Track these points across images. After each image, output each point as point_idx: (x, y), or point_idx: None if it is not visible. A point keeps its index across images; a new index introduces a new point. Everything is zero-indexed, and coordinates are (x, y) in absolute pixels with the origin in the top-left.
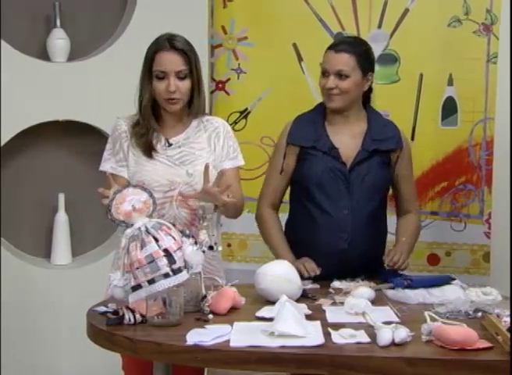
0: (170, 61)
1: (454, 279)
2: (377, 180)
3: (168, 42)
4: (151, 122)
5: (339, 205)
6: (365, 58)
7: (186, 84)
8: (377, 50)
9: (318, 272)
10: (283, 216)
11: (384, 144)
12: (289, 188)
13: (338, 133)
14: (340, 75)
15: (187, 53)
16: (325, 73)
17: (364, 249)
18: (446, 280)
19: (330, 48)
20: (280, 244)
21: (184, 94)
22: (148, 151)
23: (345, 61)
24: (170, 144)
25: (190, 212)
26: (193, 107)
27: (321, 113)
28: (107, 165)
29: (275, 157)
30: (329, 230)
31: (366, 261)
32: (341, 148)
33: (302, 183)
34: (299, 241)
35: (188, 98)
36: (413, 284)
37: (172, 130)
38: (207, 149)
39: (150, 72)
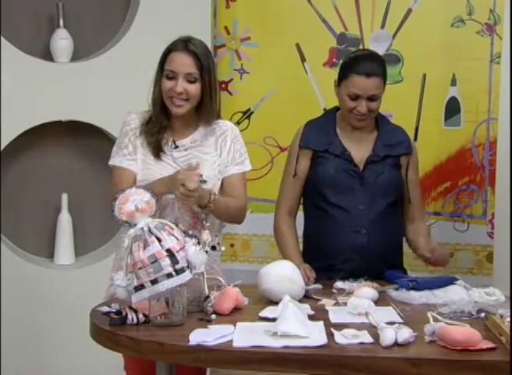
0: (181, 62)
1: (458, 279)
2: (391, 179)
3: (183, 43)
4: (162, 119)
5: (355, 201)
6: (386, 73)
7: (194, 88)
8: (380, 50)
9: (312, 279)
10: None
11: (395, 149)
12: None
13: (349, 139)
14: (371, 98)
15: (200, 57)
16: (353, 97)
17: (382, 246)
18: (450, 282)
19: (358, 72)
20: (293, 254)
21: (192, 97)
22: (157, 149)
23: (377, 85)
24: (176, 146)
25: (192, 215)
26: (203, 114)
27: (332, 119)
28: (116, 159)
29: (288, 162)
30: (347, 226)
31: (386, 259)
32: (353, 152)
33: (316, 186)
34: (319, 245)
35: (197, 102)
36: (418, 286)
37: (179, 133)
38: (213, 153)
39: (162, 70)
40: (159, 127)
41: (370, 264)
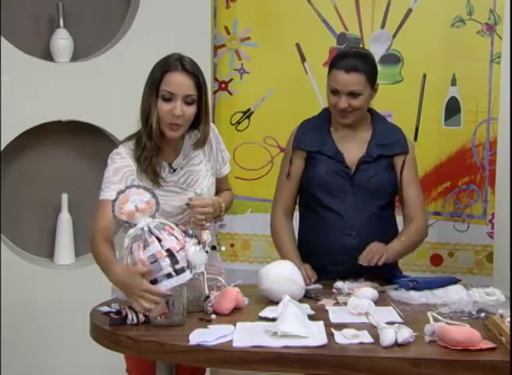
0: (180, 83)
1: (460, 280)
2: (383, 181)
3: (179, 63)
4: (160, 144)
5: (346, 204)
6: (373, 72)
7: (191, 110)
8: (380, 50)
9: (313, 280)
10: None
11: (389, 148)
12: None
13: (343, 140)
14: (352, 94)
15: (199, 78)
16: (335, 92)
17: None
18: (451, 282)
19: (338, 67)
20: (290, 254)
21: (187, 120)
22: (155, 176)
23: (357, 81)
24: (174, 170)
25: (201, 228)
26: (198, 138)
27: (326, 119)
28: (107, 193)
29: (283, 163)
30: (338, 228)
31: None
32: (346, 153)
33: (308, 186)
34: (311, 246)
35: (190, 124)
36: (418, 286)
37: (170, 153)
38: (204, 161)
39: (157, 93)
40: (153, 153)
41: (361, 266)
